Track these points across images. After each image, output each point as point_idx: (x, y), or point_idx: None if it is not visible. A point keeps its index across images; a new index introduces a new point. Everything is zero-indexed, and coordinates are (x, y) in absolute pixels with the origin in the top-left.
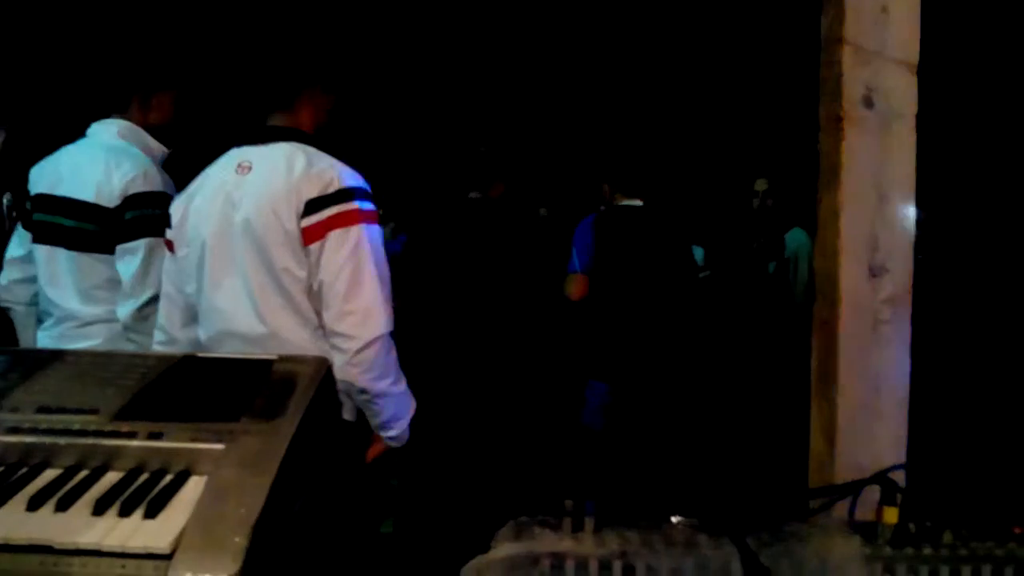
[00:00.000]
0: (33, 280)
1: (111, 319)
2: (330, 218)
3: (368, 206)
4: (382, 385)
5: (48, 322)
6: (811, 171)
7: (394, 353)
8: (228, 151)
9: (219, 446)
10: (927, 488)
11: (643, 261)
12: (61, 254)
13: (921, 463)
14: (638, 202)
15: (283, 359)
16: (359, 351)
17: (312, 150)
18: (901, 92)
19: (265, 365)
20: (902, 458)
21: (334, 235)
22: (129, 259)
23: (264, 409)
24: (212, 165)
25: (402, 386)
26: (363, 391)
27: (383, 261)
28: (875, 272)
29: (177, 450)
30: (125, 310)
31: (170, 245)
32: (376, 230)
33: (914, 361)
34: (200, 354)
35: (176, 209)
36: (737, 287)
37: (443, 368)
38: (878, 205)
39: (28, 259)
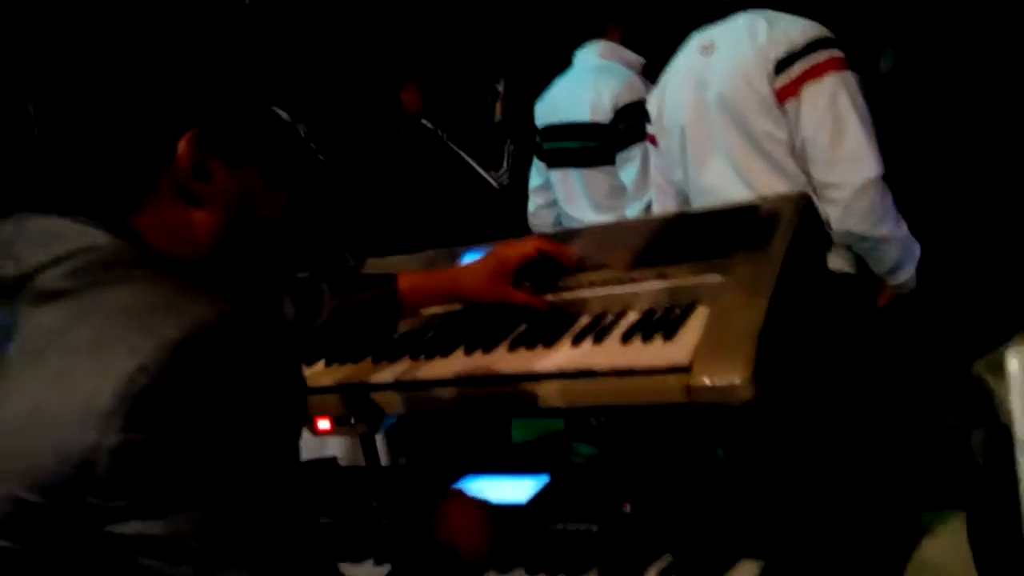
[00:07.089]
0: (554, 203)
1: None
2: (802, 73)
3: (837, 53)
4: (882, 230)
5: None
6: None
7: (890, 197)
8: (688, 38)
9: (718, 278)
10: None
11: None
12: (573, 174)
13: None
14: None
15: (766, 199)
16: (853, 199)
17: (771, 12)
18: None
19: (751, 207)
20: None
21: (808, 89)
22: (629, 166)
23: (754, 241)
24: (677, 55)
25: (903, 229)
26: (863, 239)
27: (863, 104)
28: None
29: (683, 287)
30: (633, 211)
31: (653, 139)
32: (850, 75)
33: None
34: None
35: (652, 103)
36: None
37: None
38: None
39: (547, 186)
